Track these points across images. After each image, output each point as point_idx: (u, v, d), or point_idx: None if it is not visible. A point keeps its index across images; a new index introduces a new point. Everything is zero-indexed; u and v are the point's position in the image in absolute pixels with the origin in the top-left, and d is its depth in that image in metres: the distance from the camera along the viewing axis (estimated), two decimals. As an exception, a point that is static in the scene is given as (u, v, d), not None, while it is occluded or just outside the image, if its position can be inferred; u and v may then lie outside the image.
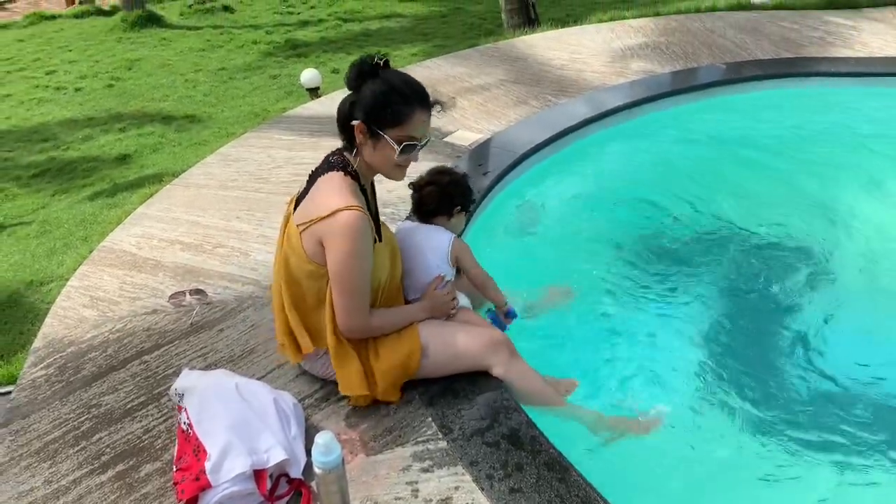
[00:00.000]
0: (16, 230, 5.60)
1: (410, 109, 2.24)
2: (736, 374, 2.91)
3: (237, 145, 4.67)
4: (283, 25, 11.17)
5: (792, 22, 6.27)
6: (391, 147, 2.25)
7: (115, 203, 5.64)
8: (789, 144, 4.61)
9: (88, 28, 11.74)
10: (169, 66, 9.52)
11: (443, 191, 2.67)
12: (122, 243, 3.59)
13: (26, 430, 2.46)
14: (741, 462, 2.56)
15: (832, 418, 2.70)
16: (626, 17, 6.82)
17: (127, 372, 2.71)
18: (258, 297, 3.07)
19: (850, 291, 3.39)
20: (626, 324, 3.22)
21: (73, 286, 3.27)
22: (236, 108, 7.90)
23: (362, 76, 2.23)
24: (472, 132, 4.53)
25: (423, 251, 2.57)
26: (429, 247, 2.58)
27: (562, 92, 5.11)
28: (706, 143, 4.71)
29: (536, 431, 2.28)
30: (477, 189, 3.83)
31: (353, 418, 2.39)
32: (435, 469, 2.19)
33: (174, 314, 3.02)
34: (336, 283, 2.24)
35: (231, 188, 4.06)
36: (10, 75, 9.68)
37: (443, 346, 2.43)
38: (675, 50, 5.79)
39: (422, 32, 10.38)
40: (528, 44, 6.28)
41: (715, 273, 3.53)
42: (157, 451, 2.32)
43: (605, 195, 4.25)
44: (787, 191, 4.14)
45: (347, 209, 2.17)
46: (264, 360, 2.69)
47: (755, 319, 3.26)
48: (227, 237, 3.55)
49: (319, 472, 1.89)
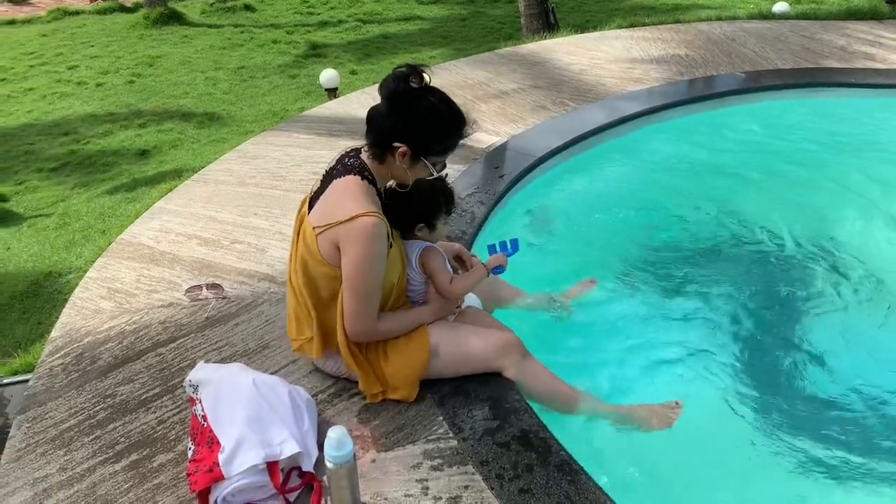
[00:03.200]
0: (36, 222, 5.67)
1: (456, 141, 2.29)
2: (751, 380, 2.90)
3: (256, 143, 4.71)
4: (304, 26, 11.22)
5: (813, 32, 6.24)
6: (428, 170, 2.29)
7: (134, 197, 5.69)
8: (807, 155, 4.59)
9: (111, 24, 11.85)
10: (189, 64, 9.59)
11: (419, 211, 2.50)
12: (141, 237, 3.63)
13: (42, 418, 2.49)
14: (752, 468, 2.55)
15: (845, 422, 2.69)
16: (645, 24, 6.82)
17: (142, 363, 2.74)
18: (274, 292, 3.09)
19: (867, 299, 3.37)
20: (642, 323, 3.22)
21: (91, 278, 3.31)
22: (255, 106, 7.95)
23: (408, 97, 2.18)
24: (489, 135, 4.55)
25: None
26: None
27: (580, 97, 5.12)
28: (724, 151, 4.69)
29: (547, 433, 2.29)
30: (492, 192, 3.85)
31: (365, 415, 2.41)
32: (445, 468, 2.20)
33: (190, 307, 3.05)
34: (348, 286, 2.26)
35: (249, 185, 4.10)
36: (33, 69, 9.78)
37: (454, 347, 2.44)
38: (694, 58, 5.78)
39: (441, 35, 10.40)
40: (548, 49, 6.29)
41: (730, 278, 3.52)
42: (170, 442, 2.35)
43: (622, 201, 4.25)
44: (805, 201, 4.12)
45: (366, 215, 2.18)
46: (279, 355, 2.71)
47: (771, 325, 3.24)
48: (244, 233, 3.58)
49: (331, 466, 1.91)
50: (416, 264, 2.49)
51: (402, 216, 2.46)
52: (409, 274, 2.49)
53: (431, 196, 2.46)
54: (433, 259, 2.50)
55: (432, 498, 2.10)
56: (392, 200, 2.43)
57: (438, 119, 2.22)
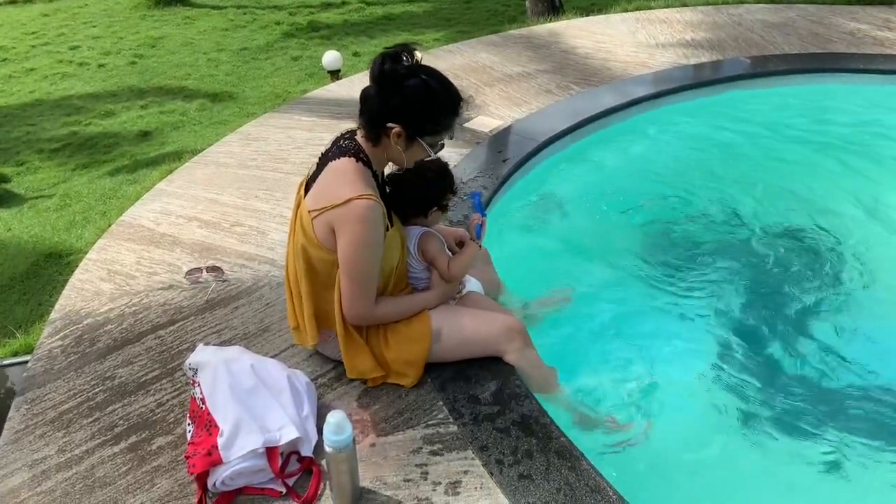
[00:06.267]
0: (37, 203, 5.65)
1: (451, 120, 2.24)
2: (747, 372, 2.89)
3: (258, 125, 4.68)
4: (306, 7, 11.14)
5: (821, 16, 6.17)
6: (425, 151, 2.25)
7: (135, 179, 5.67)
8: (814, 140, 4.55)
9: (113, 4, 11.77)
10: (192, 45, 9.53)
11: (418, 196, 2.48)
12: (141, 219, 3.61)
13: (42, 400, 2.48)
14: (750, 459, 2.55)
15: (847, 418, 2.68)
16: (651, 7, 6.74)
17: (142, 346, 2.72)
18: (274, 276, 3.08)
19: (873, 292, 3.34)
20: (637, 318, 3.20)
21: (91, 259, 3.30)
22: (258, 88, 7.90)
23: (397, 75, 2.15)
24: (493, 118, 4.51)
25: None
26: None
27: (585, 81, 5.07)
28: (729, 136, 4.65)
29: (548, 419, 2.28)
30: (495, 176, 3.82)
31: (364, 399, 2.40)
32: (445, 452, 2.19)
33: (190, 290, 3.03)
34: (345, 270, 2.24)
35: (250, 167, 4.07)
36: (35, 50, 9.73)
37: (455, 331, 2.42)
38: (700, 42, 5.72)
39: (444, 17, 10.31)
40: (553, 31, 6.23)
41: (732, 270, 3.50)
42: (169, 425, 2.34)
43: (626, 186, 4.22)
44: (812, 187, 4.09)
45: (361, 198, 2.15)
46: (278, 339, 2.70)
47: (773, 318, 3.22)
48: (245, 216, 3.56)
49: (330, 451, 1.90)
50: (414, 251, 2.47)
51: (409, 202, 2.44)
52: (409, 261, 2.47)
53: (439, 178, 2.44)
54: (431, 245, 2.48)
55: (432, 483, 2.09)
56: (395, 187, 2.41)
57: (432, 97, 2.18)
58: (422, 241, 2.47)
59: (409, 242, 2.46)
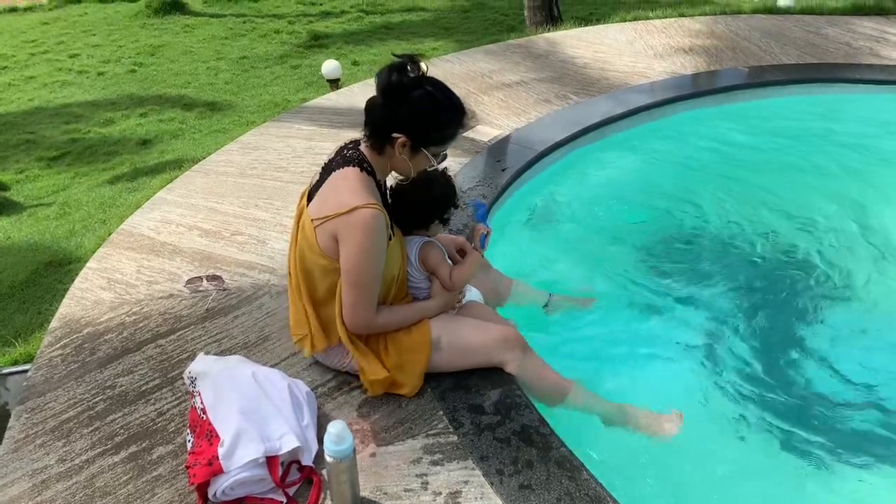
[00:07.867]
0: (36, 211, 5.65)
1: (455, 130, 2.28)
2: (755, 379, 2.89)
3: (257, 134, 4.69)
4: (306, 16, 11.17)
5: (818, 27, 6.21)
6: (429, 161, 2.29)
7: (134, 187, 5.67)
8: (811, 151, 4.57)
9: (113, 13, 11.80)
10: (191, 54, 9.55)
11: (423, 210, 2.50)
12: (141, 227, 3.62)
13: (42, 409, 2.48)
14: (753, 466, 2.55)
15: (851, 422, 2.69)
16: (650, 18, 6.78)
17: (142, 354, 2.73)
18: (274, 284, 3.08)
19: (876, 299, 3.36)
20: (641, 324, 3.21)
21: (91, 268, 3.30)
22: (257, 96, 7.92)
23: (403, 86, 2.17)
24: (492, 128, 4.53)
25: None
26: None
27: (584, 90, 5.09)
28: (727, 146, 4.67)
29: (548, 429, 2.28)
30: (494, 185, 3.84)
31: (365, 409, 2.40)
32: (445, 462, 2.19)
33: (190, 299, 3.03)
34: (347, 278, 2.25)
35: (250, 176, 4.08)
36: (35, 58, 9.74)
37: (455, 340, 2.43)
38: (698, 52, 5.75)
39: (443, 27, 10.35)
40: (551, 41, 6.26)
41: (734, 276, 3.51)
42: (169, 434, 2.34)
43: (624, 195, 4.23)
44: (809, 197, 4.10)
45: (366, 207, 2.17)
46: (279, 348, 2.70)
47: (777, 323, 3.23)
48: (245, 225, 3.57)
49: (331, 460, 1.90)
50: (415, 261, 2.47)
51: (413, 214, 2.46)
52: (409, 271, 2.48)
53: (446, 194, 2.47)
54: (433, 254, 2.49)
55: (432, 493, 2.10)
56: (399, 199, 2.43)
57: (437, 108, 2.21)
58: (423, 251, 2.48)
59: (409, 252, 2.47)
